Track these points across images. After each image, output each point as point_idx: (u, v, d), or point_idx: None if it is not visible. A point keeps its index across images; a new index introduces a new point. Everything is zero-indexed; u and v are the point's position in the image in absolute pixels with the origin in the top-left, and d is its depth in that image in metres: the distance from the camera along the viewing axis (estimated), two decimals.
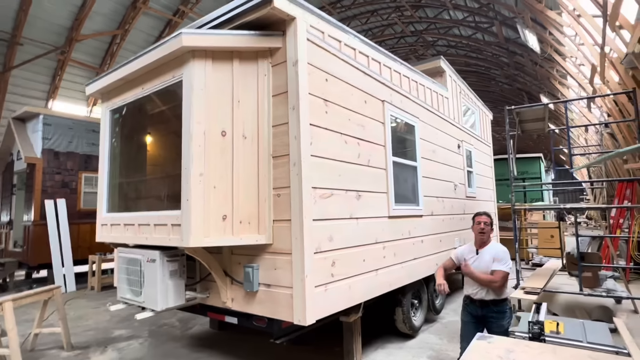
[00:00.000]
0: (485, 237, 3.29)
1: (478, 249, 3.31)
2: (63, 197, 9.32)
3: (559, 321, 2.53)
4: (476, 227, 3.33)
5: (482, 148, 8.65)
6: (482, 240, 3.30)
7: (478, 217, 3.36)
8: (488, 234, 3.30)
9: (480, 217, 3.35)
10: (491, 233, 3.34)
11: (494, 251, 3.23)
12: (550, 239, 11.04)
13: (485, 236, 3.29)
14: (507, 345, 2.09)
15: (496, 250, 3.23)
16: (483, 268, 3.18)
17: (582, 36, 6.83)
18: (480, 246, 3.31)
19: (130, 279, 3.66)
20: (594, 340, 2.20)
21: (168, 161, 3.69)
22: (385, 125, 4.44)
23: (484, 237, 3.29)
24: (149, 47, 3.45)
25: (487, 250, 3.26)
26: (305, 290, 2.95)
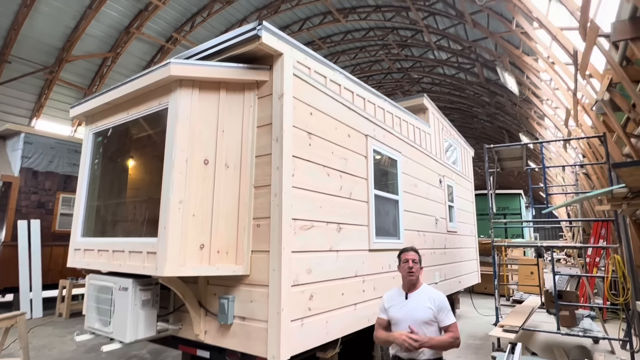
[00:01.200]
0: (415, 279, 2.78)
1: (407, 292, 2.80)
2: (38, 218, 9.03)
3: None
4: (403, 266, 2.82)
5: (463, 183, 8.84)
6: (412, 282, 2.79)
7: (404, 254, 2.87)
8: (417, 274, 2.80)
9: (407, 254, 2.86)
10: (421, 273, 2.85)
11: (431, 297, 2.72)
12: (530, 275, 11.16)
13: (414, 277, 2.78)
14: None
15: (434, 297, 2.73)
16: (418, 316, 2.65)
17: (557, 81, 7.23)
18: (409, 289, 2.81)
19: (100, 307, 3.53)
20: None
21: (148, 187, 3.65)
22: (368, 159, 4.52)
23: (412, 279, 2.78)
24: (137, 74, 3.50)
25: (420, 295, 2.76)
26: (280, 324, 2.89)
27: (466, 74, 14.36)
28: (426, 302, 2.69)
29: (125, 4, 11.99)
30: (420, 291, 2.78)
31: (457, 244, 7.73)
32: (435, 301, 2.68)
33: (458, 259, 7.70)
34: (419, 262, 2.84)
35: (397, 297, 2.83)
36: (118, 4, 11.88)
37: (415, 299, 2.73)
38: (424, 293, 2.76)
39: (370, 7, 12.53)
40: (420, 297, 2.73)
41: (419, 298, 2.73)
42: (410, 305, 2.71)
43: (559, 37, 5.41)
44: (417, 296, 2.75)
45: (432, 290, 2.83)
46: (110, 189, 4.02)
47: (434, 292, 2.78)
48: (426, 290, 2.80)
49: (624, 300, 4.82)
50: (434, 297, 2.71)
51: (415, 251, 2.88)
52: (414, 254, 2.85)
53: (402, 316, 2.69)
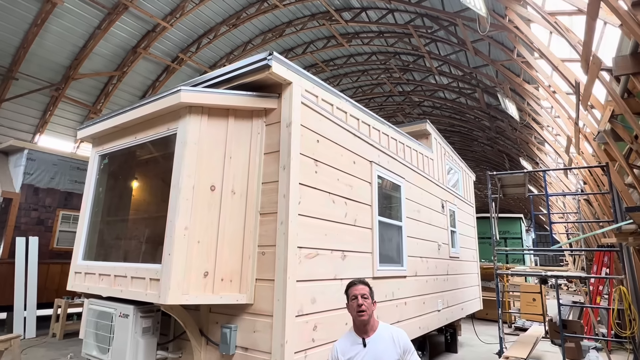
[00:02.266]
0: (367, 318, 2.29)
1: (364, 337, 2.32)
2: (37, 235, 8.95)
3: None
4: (351, 304, 2.36)
5: (465, 208, 8.82)
6: (364, 322, 2.31)
7: (352, 288, 2.39)
8: (370, 312, 2.30)
9: (354, 288, 2.38)
10: (374, 308, 2.34)
11: (394, 337, 2.30)
12: (532, 302, 11.00)
13: (365, 316, 2.28)
14: None
15: (397, 337, 2.31)
16: None
17: (558, 109, 7.33)
18: (364, 332, 2.32)
19: (98, 334, 3.45)
20: None
21: (152, 211, 3.64)
22: (373, 185, 4.53)
23: (364, 319, 2.29)
24: (146, 98, 3.54)
25: (380, 338, 2.29)
26: (284, 357, 2.82)
27: (467, 98, 14.57)
28: (389, 346, 2.24)
29: (133, 25, 12.25)
30: (379, 333, 2.31)
31: (459, 269, 7.65)
32: (400, 343, 2.28)
33: (460, 285, 7.61)
34: (371, 296, 2.36)
35: (352, 345, 2.32)
36: (126, 25, 12.14)
37: (376, 344, 2.25)
38: (385, 335, 2.31)
39: (373, 33, 12.82)
40: (381, 340, 2.27)
41: (381, 342, 2.26)
42: (372, 354, 2.22)
43: (560, 68, 5.52)
44: (378, 340, 2.27)
45: (392, 329, 2.39)
46: (113, 212, 4.01)
47: (395, 333, 2.35)
48: (386, 330, 2.35)
49: (631, 333, 4.74)
50: (397, 339, 2.29)
51: (365, 284, 2.43)
52: (364, 287, 2.38)
53: None
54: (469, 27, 8.57)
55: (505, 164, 20.23)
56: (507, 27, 6.51)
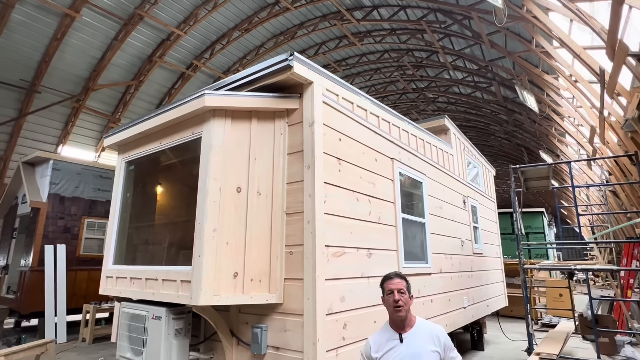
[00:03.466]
0: (404, 313, 2.21)
1: (400, 332, 2.23)
2: (64, 243, 9.20)
3: None
4: (387, 299, 2.29)
5: (486, 203, 8.68)
6: (401, 318, 2.22)
7: (388, 282, 2.32)
8: (407, 307, 2.22)
9: (390, 282, 2.31)
10: (411, 303, 2.27)
11: (432, 335, 2.20)
12: (559, 297, 10.73)
13: (403, 312, 2.20)
14: None
15: (436, 334, 2.22)
16: None
17: (580, 99, 7.15)
18: (401, 328, 2.23)
19: (132, 336, 3.52)
20: None
21: (180, 215, 3.70)
22: (395, 182, 4.50)
23: (402, 314, 2.21)
24: (170, 105, 3.60)
25: (418, 334, 2.20)
26: (317, 355, 2.83)
27: (482, 92, 14.34)
28: (428, 343, 2.15)
29: (148, 34, 12.50)
30: (416, 329, 2.22)
31: (483, 266, 7.53)
32: (440, 339, 2.18)
33: (485, 281, 7.49)
34: (407, 290, 2.27)
35: (387, 340, 2.23)
36: (142, 35, 12.40)
37: (413, 340, 2.17)
38: (423, 331, 2.22)
39: (385, 31, 12.76)
40: (418, 336, 2.18)
41: (418, 338, 2.17)
42: (410, 350, 2.12)
43: (582, 56, 5.38)
44: (415, 336, 2.19)
45: (430, 324, 2.31)
46: (141, 217, 4.09)
47: (434, 328, 2.26)
48: (424, 326, 2.26)
49: None
50: (436, 335, 2.20)
51: (402, 277, 2.34)
52: (400, 281, 2.28)
53: None
54: (484, 19, 8.45)
55: (524, 157, 19.83)
56: (525, 18, 6.38)
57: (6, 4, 9.76)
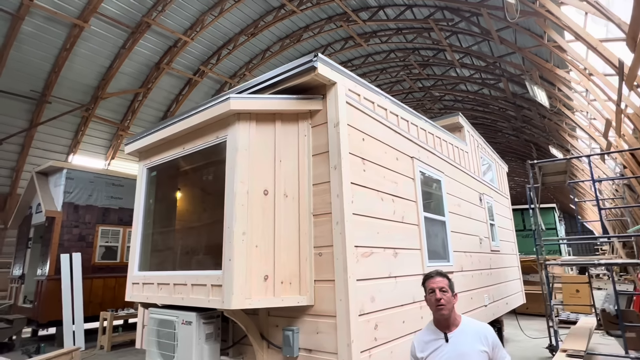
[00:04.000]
0: (448, 312, 2.16)
1: (445, 332, 2.18)
2: (79, 251, 9.25)
3: None
4: (429, 298, 2.22)
5: (500, 200, 8.63)
6: (444, 317, 2.17)
7: (429, 281, 2.25)
8: (450, 306, 2.16)
9: (432, 280, 2.24)
10: (455, 301, 2.20)
11: (479, 334, 2.13)
12: (576, 293, 10.62)
13: (446, 311, 2.15)
14: None
15: (484, 333, 2.14)
16: None
17: (594, 92, 7.08)
18: (446, 327, 2.18)
19: (161, 342, 3.52)
20: None
21: (205, 219, 3.70)
22: (415, 181, 4.48)
23: (444, 313, 2.16)
24: (194, 110, 3.61)
25: (464, 333, 2.14)
26: (352, 357, 2.81)
27: (490, 89, 14.28)
28: (476, 342, 2.08)
29: (155, 42, 12.59)
30: (463, 328, 2.17)
31: (500, 263, 7.47)
32: (488, 339, 2.11)
33: (503, 279, 7.43)
34: (450, 289, 2.21)
35: (432, 340, 2.18)
36: (149, 42, 12.49)
37: (459, 341, 2.10)
38: (470, 330, 2.15)
39: (391, 30, 12.76)
40: (465, 336, 2.12)
41: (465, 337, 2.11)
42: (456, 350, 2.07)
43: (599, 49, 5.33)
44: (461, 335, 2.12)
45: (478, 323, 2.25)
46: (165, 223, 4.09)
47: (482, 327, 2.19)
48: (471, 325, 2.20)
49: None
50: (484, 334, 2.13)
51: (443, 275, 2.28)
52: (442, 280, 2.22)
53: None
54: (493, 15, 8.42)
55: (532, 153, 19.69)
56: (538, 12, 6.35)
57: (17, 16, 9.88)
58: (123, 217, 10.37)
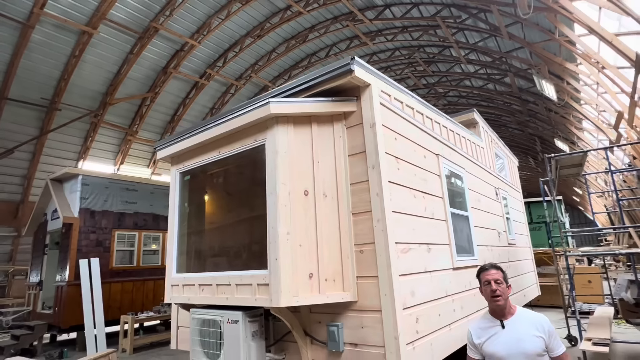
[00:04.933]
0: (503, 302, 2.29)
1: (502, 319, 2.31)
2: (97, 256, 9.32)
3: None
4: (485, 289, 2.37)
5: (514, 194, 8.73)
6: (500, 307, 2.30)
7: (484, 273, 2.41)
8: (506, 296, 2.31)
9: (487, 273, 2.40)
10: (509, 292, 2.35)
11: (535, 322, 2.24)
12: (588, 284, 10.73)
13: (502, 301, 2.29)
14: None
15: (540, 322, 2.25)
16: (528, 349, 2.13)
17: (605, 85, 7.18)
18: (502, 316, 2.32)
19: (205, 341, 3.61)
20: None
21: (244, 221, 3.80)
22: (442, 178, 4.58)
23: (500, 303, 2.29)
24: (230, 114, 3.69)
25: (519, 321, 2.26)
26: (399, 349, 2.91)
27: (496, 84, 14.38)
28: (531, 329, 2.19)
29: (163, 47, 12.67)
30: (518, 316, 2.28)
31: (517, 256, 7.58)
32: (544, 327, 2.21)
33: (520, 271, 7.54)
34: (505, 280, 2.35)
35: (488, 328, 2.31)
36: (157, 47, 12.57)
37: (515, 327, 2.22)
38: (525, 318, 2.27)
39: (396, 29, 12.85)
40: (521, 323, 2.23)
41: (521, 325, 2.22)
42: (513, 336, 2.18)
43: (615, 43, 5.43)
44: (517, 323, 2.24)
45: (533, 313, 2.33)
46: (202, 226, 4.19)
47: (536, 316, 2.29)
48: (525, 314, 2.31)
49: None
50: (540, 322, 2.23)
51: (497, 268, 2.42)
52: (497, 272, 2.37)
53: (507, 351, 2.16)
54: (502, 12, 8.51)
55: (536, 146, 19.81)
56: (551, 7, 6.44)
57: (27, 25, 9.95)
58: (138, 222, 10.48)
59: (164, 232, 10.93)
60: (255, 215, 3.50)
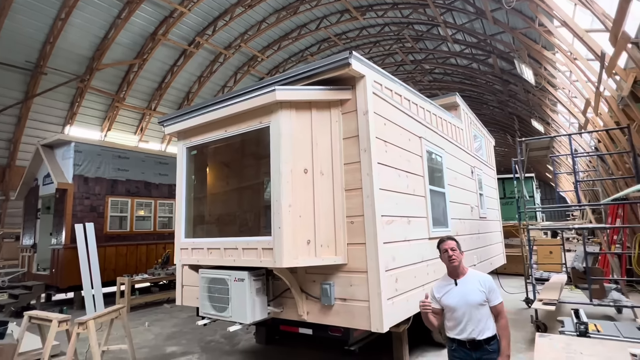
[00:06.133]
0: (457, 264, 2.84)
1: (456, 279, 2.87)
2: (91, 221, 9.67)
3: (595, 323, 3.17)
4: (443, 256, 2.91)
5: (488, 172, 9.44)
6: (455, 268, 2.85)
7: (443, 244, 2.94)
8: (460, 260, 2.86)
9: (445, 243, 2.92)
10: (462, 257, 2.90)
11: (479, 280, 2.80)
12: (549, 255, 11.84)
13: (456, 263, 2.84)
14: (565, 341, 2.71)
15: (483, 279, 2.81)
16: (472, 300, 2.72)
17: (577, 75, 7.76)
18: (457, 275, 2.87)
19: (214, 296, 4.17)
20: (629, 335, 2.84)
21: (247, 193, 4.27)
22: (423, 158, 5.13)
23: (455, 265, 2.84)
24: (237, 97, 4.07)
25: (469, 280, 2.83)
26: (382, 303, 3.53)
27: (480, 64, 14.83)
28: (477, 285, 2.75)
29: (151, 12, 12.46)
30: (468, 276, 2.84)
31: (487, 228, 8.37)
32: (485, 283, 2.77)
33: (488, 242, 8.35)
34: (458, 248, 2.89)
35: (446, 285, 2.88)
36: (145, 12, 12.36)
37: (465, 284, 2.79)
38: (473, 277, 2.83)
39: (387, 5, 12.97)
40: (469, 281, 2.80)
41: (469, 283, 2.79)
42: (462, 290, 2.76)
43: (585, 39, 5.93)
44: (467, 281, 2.80)
45: (479, 273, 2.91)
46: (207, 197, 4.64)
47: (481, 275, 2.87)
48: (473, 274, 2.87)
49: None
50: (483, 280, 2.79)
51: (452, 239, 2.94)
52: (452, 242, 2.90)
53: (457, 302, 2.75)
54: None
55: (514, 125, 20.65)
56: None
57: None
58: (130, 189, 10.78)
59: (155, 199, 11.29)
60: (256, 189, 3.97)
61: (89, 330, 4.68)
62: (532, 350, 5.21)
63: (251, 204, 4.39)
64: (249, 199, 4.41)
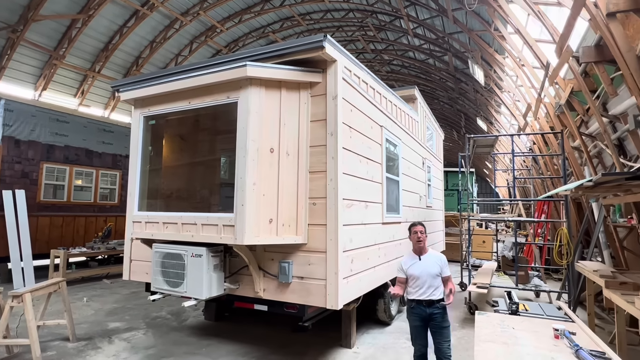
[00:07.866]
0: (423, 244, 3.65)
1: (419, 255, 3.66)
2: (22, 188, 8.86)
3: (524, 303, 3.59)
4: (413, 236, 3.66)
5: (436, 164, 10.00)
6: (420, 247, 3.64)
7: (414, 227, 3.71)
8: (424, 242, 3.66)
9: (416, 227, 3.70)
10: (426, 239, 3.69)
11: (436, 257, 3.64)
12: (482, 244, 12.97)
13: (422, 244, 3.64)
14: (500, 318, 3.05)
15: (439, 257, 3.66)
16: (431, 271, 3.52)
17: (522, 80, 8.41)
18: (419, 253, 3.66)
19: (168, 271, 4.09)
20: (551, 314, 3.27)
21: (209, 170, 4.18)
22: (382, 147, 5.33)
23: (422, 245, 3.64)
24: (204, 68, 3.93)
25: (429, 257, 3.63)
26: (338, 281, 3.70)
27: (436, 60, 15.43)
28: (435, 260, 3.62)
29: None
30: (429, 254, 3.69)
31: (432, 217, 8.93)
32: (441, 260, 3.65)
33: (433, 229, 8.92)
34: (425, 232, 3.72)
35: (411, 259, 3.68)
36: None
37: (426, 260, 3.62)
38: (432, 255, 3.68)
39: None
40: (429, 257, 3.64)
41: (429, 258, 3.63)
42: (424, 264, 3.58)
43: (534, 48, 6.44)
44: (427, 257, 3.64)
45: (436, 252, 3.77)
46: (164, 169, 4.47)
47: (437, 254, 3.73)
48: (432, 252, 3.74)
49: (567, 263, 6.22)
50: (439, 257, 3.67)
51: (422, 224, 3.76)
52: (422, 227, 3.72)
53: (420, 272, 3.55)
54: None
55: (461, 122, 21.90)
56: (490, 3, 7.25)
57: None
58: (69, 156, 9.98)
59: (97, 168, 10.57)
60: (217, 165, 3.91)
61: (25, 303, 4.39)
62: (465, 328, 5.78)
63: (211, 180, 4.31)
64: (209, 174, 4.32)
